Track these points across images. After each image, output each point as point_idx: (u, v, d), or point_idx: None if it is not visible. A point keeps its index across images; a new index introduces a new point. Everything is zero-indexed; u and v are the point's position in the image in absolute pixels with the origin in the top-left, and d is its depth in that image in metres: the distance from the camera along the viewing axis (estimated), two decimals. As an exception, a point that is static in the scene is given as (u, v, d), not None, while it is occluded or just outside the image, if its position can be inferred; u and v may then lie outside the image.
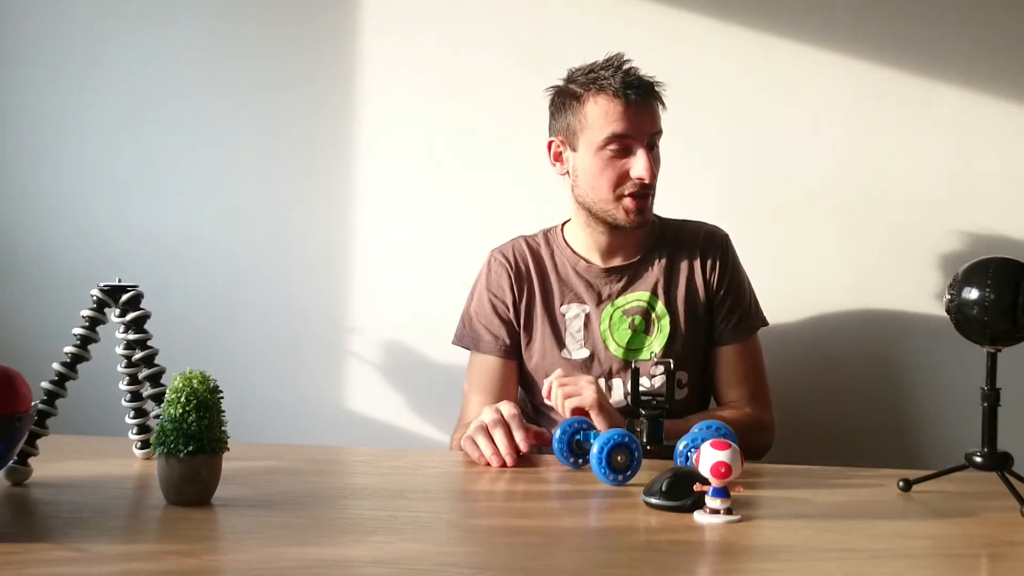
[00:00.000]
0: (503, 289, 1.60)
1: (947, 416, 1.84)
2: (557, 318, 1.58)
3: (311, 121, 2.04)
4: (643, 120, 1.48)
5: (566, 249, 1.61)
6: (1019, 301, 1.04)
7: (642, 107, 1.48)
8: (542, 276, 1.60)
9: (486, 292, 1.61)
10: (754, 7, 1.88)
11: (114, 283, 1.25)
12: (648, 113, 1.49)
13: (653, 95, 1.50)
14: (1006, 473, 1.09)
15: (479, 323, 1.60)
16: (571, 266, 1.59)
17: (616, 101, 1.47)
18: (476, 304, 1.62)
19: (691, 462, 1.14)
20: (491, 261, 1.64)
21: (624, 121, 1.47)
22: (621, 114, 1.47)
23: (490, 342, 1.59)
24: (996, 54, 1.82)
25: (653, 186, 1.51)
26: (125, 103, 2.09)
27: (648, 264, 1.59)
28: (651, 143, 1.51)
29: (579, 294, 1.58)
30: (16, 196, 2.12)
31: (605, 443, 1.15)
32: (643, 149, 1.48)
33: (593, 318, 1.57)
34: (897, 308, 1.86)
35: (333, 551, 0.91)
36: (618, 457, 1.16)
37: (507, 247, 1.64)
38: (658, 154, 1.54)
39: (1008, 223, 1.82)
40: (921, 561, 0.91)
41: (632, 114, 1.47)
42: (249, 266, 2.06)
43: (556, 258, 1.61)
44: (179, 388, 1.05)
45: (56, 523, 1.01)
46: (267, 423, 1.99)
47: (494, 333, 1.59)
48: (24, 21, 2.11)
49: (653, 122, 1.50)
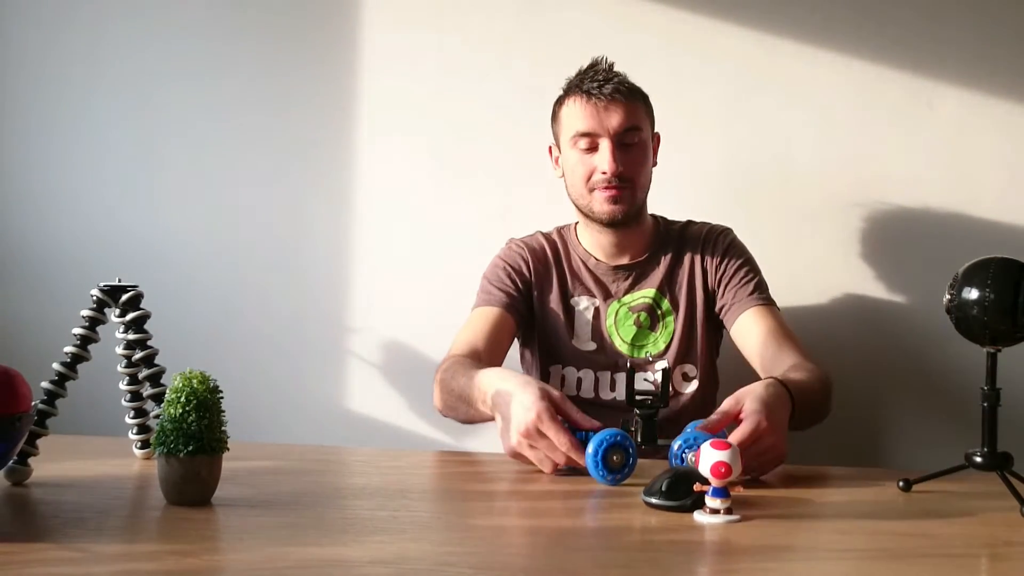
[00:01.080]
0: (519, 264, 1.64)
1: (947, 416, 1.84)
2: (571, 309, 1.62)
3: (311, 121, 2.04)
4: (608, 116, 1.52)
5: (578, 246, 1.65)
6: (1019, 301, 1.04)
7: (608, 104, 1.52)
8: (558, 267, 1.64)
9: (501, 262, 1.64)
10: (754, 7, 1.88)
11: (114, 283, 1.25)
12: (615, 110, 1.52)
13: (622, 93, 1.53)
14: (1006, 473, 1.09)
15: (490, 284, 1.63)
16: (582, 261, 1.64)
17: (581, 100, 1.54)
18: (489, 272, 1.65)
19: (687, 462, 1.15)
20: (511, 244, 1.68)
21: (588, 118, 1.53)
22: (585, 112, 1.53)
23: (497, 296, 1.60)
24: (996, 54, 1.82)
25: (628, 180, 1.54)
26: (125, 103, 2.09)
27: (654, 262, 1.62)
28: (623, 140, 1.53)
29: (589, 288, 1.62)
30: (16, 196, 2.12)
31: (600, 443, 1.15)
32: (609, 144, 1.52)
33: (601, 312, 1.60)
34: (897, 308, 1.86)
35: (333, 551, 0.91)
36: (614, 457, 1.16)
37: (527, 238, 1.69)
38: (639, 151, 1.56)
39: (1008, 223, 1.82)
40: (921, 561, 0.91)
41: (595, 111, 1.53)
42: (249, 266, 2.06)
43: (570, 253, 1.65)
44: (179, 388, 1.05)
45: (56, 523, 1.01)
46: (267, 423, 1.99)
47: (503, 290, 1.61)
48: (24, 21, 2.11)
49: (622, 119, 1.52)
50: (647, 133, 1.58)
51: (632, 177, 1.54)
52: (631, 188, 1.55)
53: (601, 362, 1.59)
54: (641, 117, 1.56)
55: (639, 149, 1.56)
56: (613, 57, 1.60)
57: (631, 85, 1.57)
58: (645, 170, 1.58)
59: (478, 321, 1.59)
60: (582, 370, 1.60)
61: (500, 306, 1.59)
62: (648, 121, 1.59)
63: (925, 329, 1.83)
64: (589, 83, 1.54)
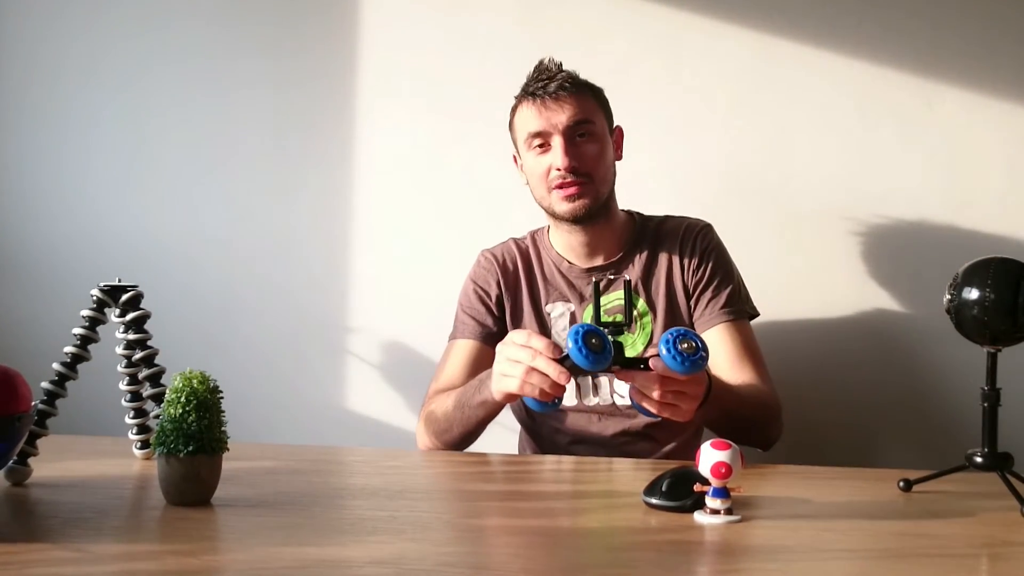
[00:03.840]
0: (488, 283, 1.63)
1: (947, 416, 1.84)
2: (544, 317, 1.60)
3: (311, 121, 2.04)
4: (555, 114, 1.51)
5: (551, 250, 1.63)
6: (1019, 301, 1.04)
7: (555, 101, 1.51)
8: (529, 276, 1.63)
9: (471, 283, 1.65)
10: (754, 7, 1.88)
11: (114, 283, 1.25)
12: (562, 106, 1.51)
13: (567, 90, 1.52)
14: (1006, 473, 1.09)
15: (464, 313, 1.63)
16: (555, 266, 1.62)
17: (529, 102, 1.54)
18: (462, 296, 1.66)
19: (676, 350, 1.15)
20: (480, 259, 1.67)
21: (537, 118, 1.53)
22: (534, 112, 1.53)
23: (472, 326, 1.61)
24: (996, 54, 1.82)
25: (585, 174, 1.52)
26: (125, 103, 2.09)
27: (629, 262, 1.60)
28: (575, 133, 1.52)
29: (563, 293, 1.60)
30: (16, 196, 2.12)
31: (577, 331, 1.15)
32: (561, 140, 1.51)
33: (578, 317, 1.59)
34: (897, 308, 1.86)
35: (333, 551, 0.91)
36: (592, 340, 1.15)
37: (496, 248, 1.68)
38: (594, 144, 1.53)
39: (1008, 223, 1.82)
40: (921, 561, 0.91)
41: (543, 110, 1.52)
42: (249, 266, 2.06)
43: (542, 258, 1.64)
44: (179, 388, 1.05)
45: (56, 523, 1.01)
46: (267, 423, 1.99)
47: (477, 319, 1.61)
48: (24, 21, 2.11)
49: (570, 113, 1.51)
50: (601, 126, 1.55)
51: (589, 171, 1.52)
52: (590, 182, 1.52)
53: None
54: (591, 110, 1.54)
55: (594, 142, 1.53)
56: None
57: (578, 80, 1.55)
58: (603, 163, 1.54)
59: (456, 356, 1.59)
60: None
61: (475, 338, 1.59)
62: (602, 114, 1.57)
63: (925, 329, 1.83)
64: (534, 85, 1.53)
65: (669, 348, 1.16)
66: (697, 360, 1.16)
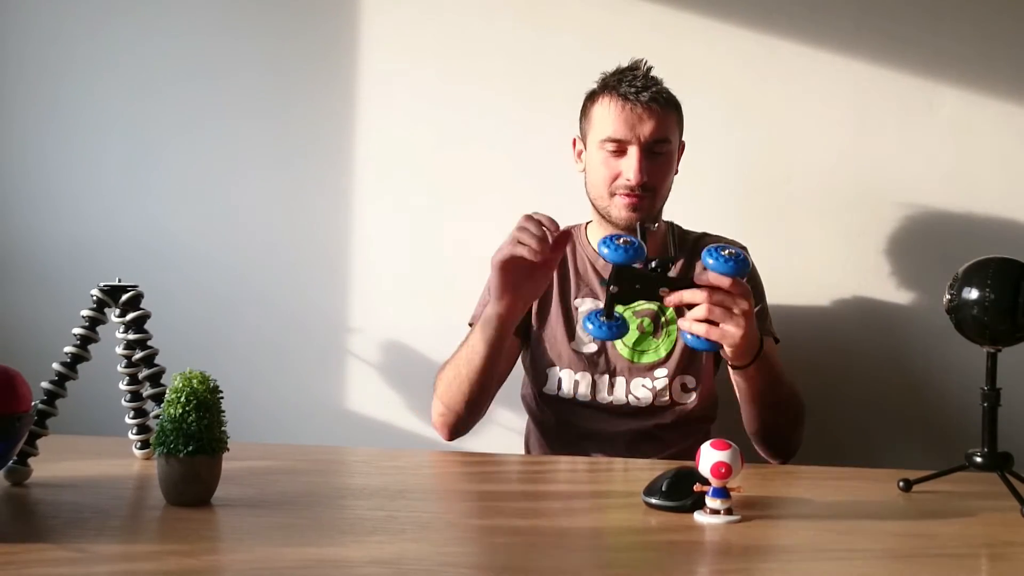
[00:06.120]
0: None
1: (947, 416, 1.84)
2: (571, 310, 1.60)
3: (311, 121, 2.04)
4: (641, 125, 1.50)
5: (587, 247, 1.63)
6: (1019, 301, 1.04)
7: (644, 112, 1.50)
8: (562, 268, 1.62)
9: None
10: (754, 7, 1.88)
11: (114, 283, 1.25)
12: (649, 119, 1.50)
13: (658, 103, 1.51)
14: (1006, 473, 1.09)
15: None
16: (591, 263, 1.62)
17: (616, 103, 1.52)
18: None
19: (719, 255, 1.16)
20: None
21: (621, 123, 1.51)
22: (619, 115, 1.51)
23: None
24: (996, 55, 1.82)
25: (651, 189, 1.52)
26: (125, 103, 2.09)
27: None
28: (652, 149, 1.51)
29: (594, 289, 1.60)
30: (16, 196, 2.12)
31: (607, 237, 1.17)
32: (637, 151, 1.50)
33: None
34: (897, 308, 1.86)
35: (332, 551, 0.91)
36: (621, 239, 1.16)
37: None
38: (665, 161, 1.53)
39: (1008, 223, 1.82)
40: (921, 561, 0.91)
41: (628, 117, 1.50)
42: (249, 266, 2.06)
43: (577, 253, 1.64)
44: (179, 388, 1.05)
45: (56, 523, 1.01)
46: (267, 423, 1.99)
47: None
48: (24, 21, 2.11)
49: (654, 129, 1.50)
50: (675, 144, 1.56)
51: (655, 186, 1.52)
52: (652, 197, 1.53)
53: (600, 365, 1.57)
54: (672, 128, 1.54)
55: (665, 159, 1.54)
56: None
57: (668, 95, 1.54)
58: (668, 180, 1.55)
59: None
60: (579, 373, 1.58)
61: None
62: (678, 131, 1.57)
63: (925, 329, 1.83)
64: (627, 87, 1.51)
65: (712, 254, 1.17)
66: (741, 259, 1.17)
